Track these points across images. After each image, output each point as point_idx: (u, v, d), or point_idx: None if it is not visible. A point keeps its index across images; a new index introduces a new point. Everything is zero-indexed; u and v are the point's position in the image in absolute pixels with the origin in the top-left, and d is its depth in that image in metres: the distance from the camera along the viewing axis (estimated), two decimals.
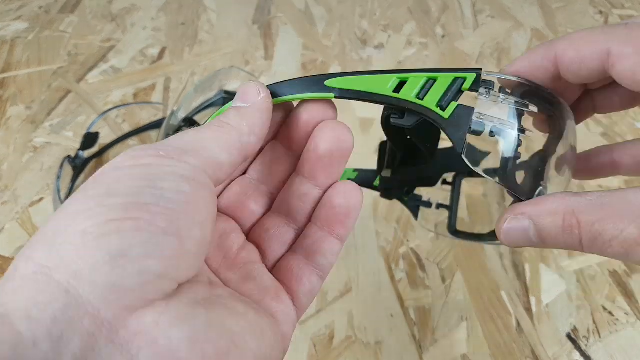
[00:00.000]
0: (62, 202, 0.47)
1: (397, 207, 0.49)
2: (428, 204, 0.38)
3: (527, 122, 0.21)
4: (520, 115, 0.20)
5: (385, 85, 0.21)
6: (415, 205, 0.37)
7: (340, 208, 0.22)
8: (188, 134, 0.19)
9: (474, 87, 0.20)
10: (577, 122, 0.24)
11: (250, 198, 0.23)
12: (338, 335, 0.40)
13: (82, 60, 0.66)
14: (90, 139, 0.53)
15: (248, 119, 0.20)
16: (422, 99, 0.20)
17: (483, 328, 0.41)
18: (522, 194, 0.20)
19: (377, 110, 0.23)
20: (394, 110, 0.21)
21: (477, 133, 0.20)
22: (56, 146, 0.55)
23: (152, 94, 0.61)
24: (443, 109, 0.20)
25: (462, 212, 0.48)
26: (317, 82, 0.21)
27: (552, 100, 0.22)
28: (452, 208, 0.37)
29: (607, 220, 0.17)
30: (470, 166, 0.20)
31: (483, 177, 0.20)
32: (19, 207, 0.49)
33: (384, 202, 0.49)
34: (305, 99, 0.22)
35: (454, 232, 0.36)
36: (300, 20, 0.73)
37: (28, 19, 0.72)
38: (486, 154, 0.22)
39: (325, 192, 0.22)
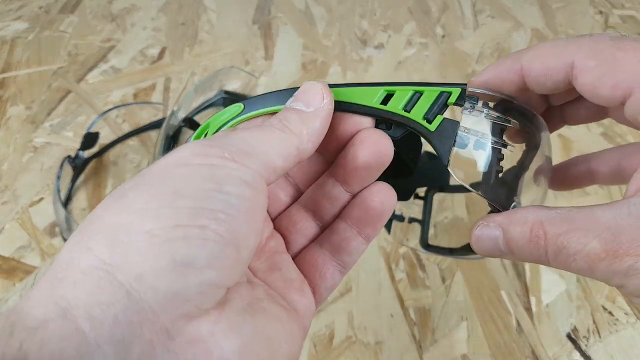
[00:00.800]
0: (62, 203, 0.47)
1: (396, 207, 0.49)
2: (401, 218, 0.38)
3: (507, 136, 0.21)
4: (502, 130, 0.21)
5: (373, 98, 0.21)
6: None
7: (375, 211, 0.22)
8: (251, 134, 0.18)
9: (459, 101, 0.21)
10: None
11: (281, 188, 0.24)
12: (338, 335, 0.40)
13: (82, 60, 0.66)
14: (90, 139, 0.53)
15: (309, 125, 0.19)
16: (409, 112, 0.21)
17: (483, 328, 0.41)
18: (502, 207, 0.20)
19: None
20: (381, 122, 0.22)
21: (462, 146, 0.20)
22: (56, 146, 0.55)
23: (152, 94, 0.61)
24: (429, 122, 0.21)
25: (462, 211, 0.48)
26: None
27: (527, 114, 0.22)
28: (424, 222, 0.37)
29: (572, 233, 0.17)
30: (455, 177, 0.20)
31: (459, 191, 0.21)
32: (19, 207, 0.49)
33: None
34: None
35: (426, 246, 0.36)
36: (300, 20, 0.73)
37: (28, 19, 0.72)
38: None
39: (357, 192, 0.22)
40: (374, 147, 0.21)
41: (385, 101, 0.21)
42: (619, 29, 0.72)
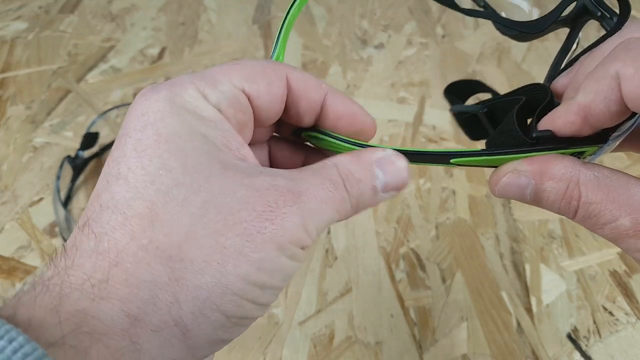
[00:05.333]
0: (62, 203, 0.47)
1: (397, 207, 0.49)
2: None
3: None
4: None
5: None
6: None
7: None
8: (322, 206, 0.17)
9: (589, 156, 0.20)
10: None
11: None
12: (338, 335, 0.40)
13: (82, 60, 0.66)
14: (90, 139, 0.53)
15: (369, 206, 0.20)
16: None
17: (483, 328, 0.40)
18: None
19: (378, 110, 0.23)
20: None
21: None
22: (56, 146, 0.55)
23: None
24: None
25: (465, 213, 0.48)
26: (442, 158, 0.21)
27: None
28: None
29: (605, 204, 0.17)
30: None
31: None
32: (18, 207, 0.49)
33: (384, 202, 0.49)
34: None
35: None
36: (300, 20, 0.73)
37: (28, 19, 0.72)
38: None
39: None
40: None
41: None
42: None
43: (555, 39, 0.70)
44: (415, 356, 0.39)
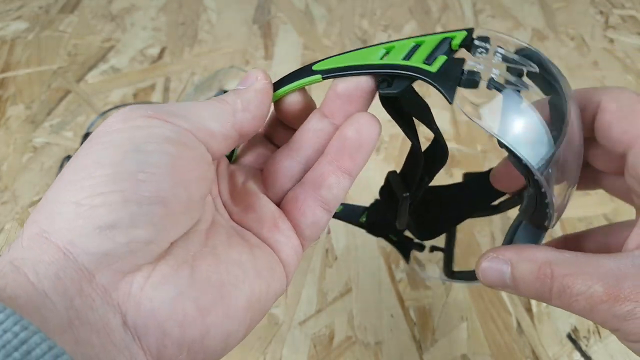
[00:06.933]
0: None
1: None
2: (421, 247, 0.35)
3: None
4: (520, 73, 0.19)
5: (372, 56, 0.21)
6: (404, 247, 0.36)
7: (350, 140, 0.21)
8: (186, 104, 0.20)
9: (466, 43, 0.20)
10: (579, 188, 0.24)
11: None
12: (338, 335, 0.40)
13: (81, 60, 0.66)
14: None
15: (242, 97, 0.21)
16: (408, 60, 0.20)
17: (483, 328, 0.40)
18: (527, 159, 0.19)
19: (378, 109, 0.23)
20: (383, 82, 0.21)
21: (473, 84, 0.19)
22: (56, 146, 0.55)
23: (151, 94, 0.61)
24: (430, 64, 0.19)
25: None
26: (304, 69, 0.22)
27: (551, 79, 0.20)
28: (448, 250, 0.36)
29: (577, 275, 0.18)
30: (466, 114, 0.19)
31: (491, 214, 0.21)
32: (18, 207, 0.49)
33: None
34: (296, 87, 0.22)
35: (451, 274, 0.33)
36: (300, 20, 0.73)
37: (28, 19, 0.72)
38: None
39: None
40: (352, 81, 0.22)
41: (384, 57, 0.21)
42: (619, 29, 0.72)
43: (555, 39, 0.70)
44: (415, 356, 0.39)
